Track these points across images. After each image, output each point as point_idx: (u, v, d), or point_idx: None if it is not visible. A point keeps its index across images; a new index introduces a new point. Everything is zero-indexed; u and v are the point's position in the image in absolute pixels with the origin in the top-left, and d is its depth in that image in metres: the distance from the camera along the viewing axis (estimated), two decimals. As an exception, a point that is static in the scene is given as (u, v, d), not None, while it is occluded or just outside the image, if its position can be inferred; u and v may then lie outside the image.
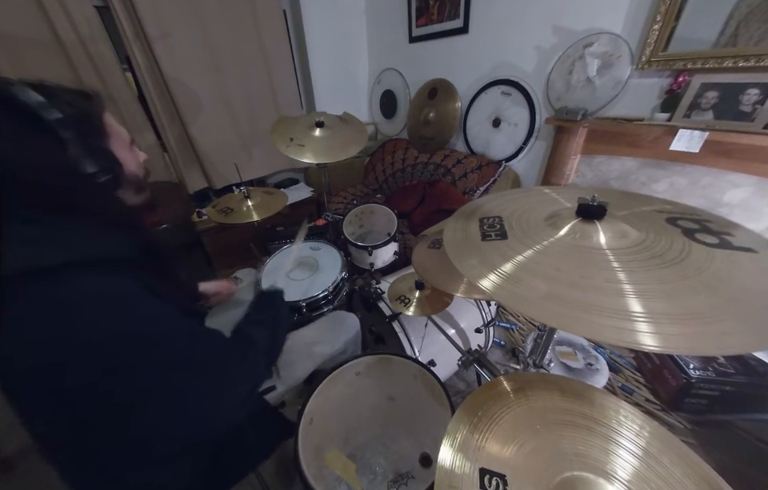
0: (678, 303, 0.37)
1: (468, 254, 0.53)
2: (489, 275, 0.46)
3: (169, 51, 1.74)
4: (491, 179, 1.86)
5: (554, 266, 0.45)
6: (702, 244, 0.45)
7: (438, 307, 1.00)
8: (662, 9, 1.22)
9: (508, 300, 0.43)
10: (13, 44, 1.41)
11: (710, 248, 0.44)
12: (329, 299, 1.20)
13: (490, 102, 1.94)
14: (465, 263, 0.51)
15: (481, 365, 0.88)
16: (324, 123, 1.47)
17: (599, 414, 0.51)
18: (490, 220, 0.59)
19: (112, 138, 0.55)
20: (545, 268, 0.45)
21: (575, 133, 1.53)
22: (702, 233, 0.48)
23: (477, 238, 0.56)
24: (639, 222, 0.51)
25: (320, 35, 2.38)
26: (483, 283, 0.46)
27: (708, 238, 0.46)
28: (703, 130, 1.15)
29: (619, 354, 1.45)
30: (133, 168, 0.58)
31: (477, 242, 0.54)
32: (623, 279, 0.41)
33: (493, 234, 0.55)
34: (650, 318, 0.36)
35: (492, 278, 0.46)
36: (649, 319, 0.35)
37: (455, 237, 0.58)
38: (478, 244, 0.54)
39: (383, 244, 1.45)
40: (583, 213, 0.51)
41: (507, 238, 0.53)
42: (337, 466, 0.73)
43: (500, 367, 0.88)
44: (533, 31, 1.66)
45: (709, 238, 0.46)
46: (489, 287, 0.45)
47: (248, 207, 1.47)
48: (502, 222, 0.57)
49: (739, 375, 1.13)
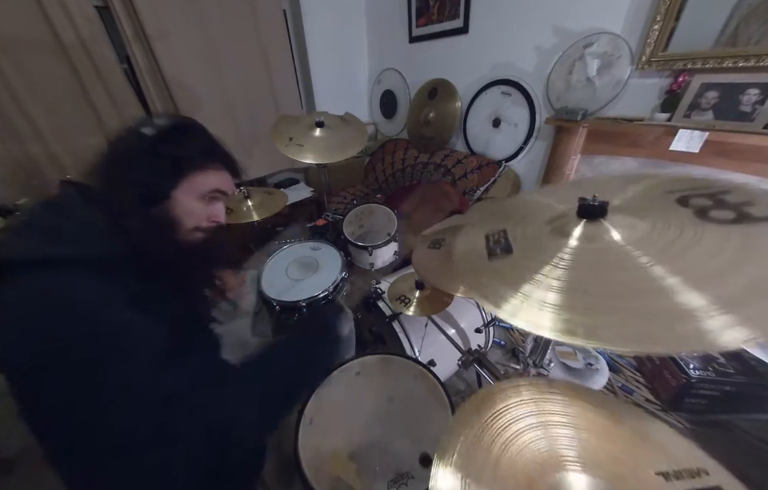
0: (739, 280, 0.32)
1: (480, 275, 0.48)
2: (509, 299, 0.41)
3: (169, 51, 1.74)
4: (491, 179, 1.86)
5: (581, 278, 0.41)
6: (716, 222, 0.39)
7: (437, 306, 1.00)
8: (662, 9, 1.22)
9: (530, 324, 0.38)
10: (13, 44, 1.41)
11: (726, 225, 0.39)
12: (329, 299, 1.20)
13: (490, 102, 1.94)
14: (481, 292, 0.45)
15: (481, 365, 0.88)
16: (324, 123, 1.47)
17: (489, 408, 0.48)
18: (496, 236, 0.54)
19: (185, 183, 0.58)
20: (572, 282, 0.40)
21: (575, 133, 1.53)
22: (716, 209, 0.42)
23: (484, 256, 0.50)
24: (644, 210, 0.46)
25: (320, 35, 2.38)
26: (504, 312, 0.40)
27: (723, 213, 0.40)
28: (703, 130, 1.15)
29: (619, 354, 1.44)
30: (192, 219, 0.61)
31: (485, 263, 0.49)
32: (663, 274, 0.36)
33: (498, 250, 0.50)
34: (721, 307, 0.31)
35: (513, 301, 0.41)
36: (721, 308, 0.31)
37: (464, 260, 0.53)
38: (486, 265, 0.49)
39: (383, 244, 1.45)
40: (585, 214, 0.47)
41: (513, 253, 0.49)
42: (337, 466, 0.73)
43: (500, 367, 0.88)
44: (533, 31, 1.66)
45: (724, 213, 0.40)
46: (509, 315, 0.40)
47: (248, 207, 1.47)
48: (506, 235, 0.53)
49: (739, 375, 1.13)
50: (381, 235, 1.52)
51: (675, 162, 1.29)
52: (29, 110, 1.51)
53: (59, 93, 1.56)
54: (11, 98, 1.46)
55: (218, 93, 2.00)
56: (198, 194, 0.61)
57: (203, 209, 0.63)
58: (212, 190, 0.62)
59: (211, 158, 0.62)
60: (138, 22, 1.63)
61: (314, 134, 1.45)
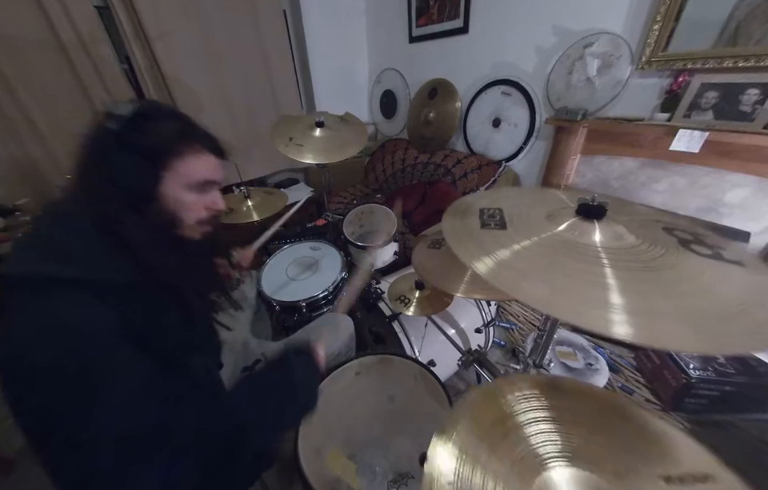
0: (648, 302, 0.40)
1: (466, 240, 0.54)
2: (484, 258, 0.48)
3: (169, 51, 1.74)
4: (491, 179, 1.86)
5: (549, 256, 0.48)
6: (696, 254, 0.47)
7: (438, 307, 1.00)
8: (662, 9, 1.22)
9: (499, 282, 0.45)
10: (13, 44, 1.41)
11: (704, 258, 0.47)
12: (329, 299, 1.20)
13: (490, 102, 1.94)
14: (462, 247, 0.52)
15: (481, 365, 0.88)
16: (324, 123, 1.47)
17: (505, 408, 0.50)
18: (491, 211, 0.60)
19: (168, 175, 0.53)
20: (540, 258, 0.48)
21: (575, 133, 1.53)
22: (696, 244, 0.50)
23: (476, 226, 0.57)
24: (637, 228, 0.52)
25: (320, 35, 2.38)
26: (479, 267, 0.47)
27: (703, 249, 0.49)
28: (703, 130, 1.15)
29: (619, 354, 1.45)
30: (191, 213, 0.57)
31: (476, 231, 0.56)
32: (609, 275, 0.44)
33: (492, 223, 0.57)
34: (621, 310, 0.38)
35: (487, 261, 0.48)
36: (620, 311, 0.38)
37: (454, 224, 0.59)
38: (477, 232, 0.56)
39: (383, 244, 1.45)
40: (583, 212, 0.53)
41: (507, 229, 0.55)
42: (337, 466, 0.73)
43: (500, 367, 0.88)
44: (533, 31, 1.66)
45: (703, 249, 0.49)
46: (483, 270, 0.47)
47: (248, 207, 1.47)
48: (503, 214, 0.59)
49: (739, 375, 1.13)
50: (381, 235, 1.52)
51: (675, 162, 1.29)
52: (28, 110, 1.51)
53: (59, 93, 1.56)
54: (11, 98, 1.46)
55: (217, 93, 2.00)
56: (186, 184, 0.55)
57: (199, 199, 0.58)
58: (201, 180, 0.57)
59: (187, 140, 0.56)
60: (138, 21, 1.63)
61: (314, 134, 1.46)
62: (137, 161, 0.51)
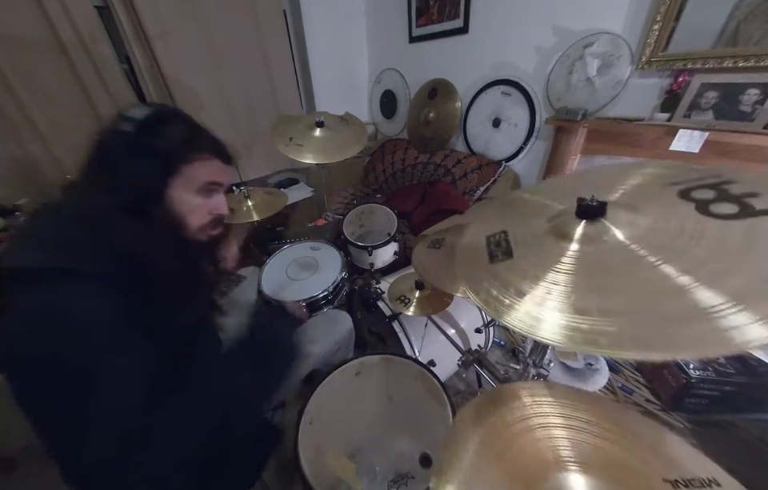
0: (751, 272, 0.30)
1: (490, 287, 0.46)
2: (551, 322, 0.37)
3: (169, 51, 1.74)
4: (491, 179, 1.86)
5: (590, 282, 0.39)
6: (717, 217, 0.37)
7: (438, 307, 1.00)
8: (662, 9, 1.22)
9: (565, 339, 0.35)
10: (13, 44, 1.41)
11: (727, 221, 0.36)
12: (329, 298, 1.20)
13: (490, 102, 1.94)
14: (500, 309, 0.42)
15: (481, 365, 0.88)
16: (324, 123, 1.47)
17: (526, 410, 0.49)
18: (496, 238, 0.53)
19: (177, 179, 0.55)
20: (580, 286, 0.38)
21: (575, 133, 1.53)
22: (717, 202, 0.39)
23: (485, 260, 0.50)
24: (644, 204, 0.44)
25: (320, 35, 2.38)
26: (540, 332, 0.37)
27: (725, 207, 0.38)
28: (703, 130, 1.15)
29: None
30: (195, 217, 0.59)
31: (493, 268, 0.48)
32: (673, 272, 0.33)
33: (500, 254, 0.49)
34: (728, 308, 0.28)
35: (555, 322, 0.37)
36: (727, 310, 0.28)
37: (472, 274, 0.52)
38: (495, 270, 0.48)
39: (383, 244, 1.45)
40: (584, 214, 0.46)
41: (513, 257, 0.47)
42: (337, 466, 0.73)
43: (500, 367, 0.88)
44: (533, 31, 1.66)
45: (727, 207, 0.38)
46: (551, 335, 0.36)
47: (248, 207, 1.47)
48: (507, 237, 0.52)
49: (739, 375, 1.13)
50: (381, 235, 1.52)
51: (675, 162, 1.29)
52: (28, 110, 1.50)
53: (59, 93, 1.56)
54: (11, 98, 1.46)
55: (218, 93, 2.00)
56: (193, 188, 0.57)
57: (204, 203, 0.59)
58: (207, 183, 0.59)
59: (198, 145, 0.57)
60: (138, 21, 1.62)
61: (314, 134, 1.45)
62: (149, 163, 0.52)
